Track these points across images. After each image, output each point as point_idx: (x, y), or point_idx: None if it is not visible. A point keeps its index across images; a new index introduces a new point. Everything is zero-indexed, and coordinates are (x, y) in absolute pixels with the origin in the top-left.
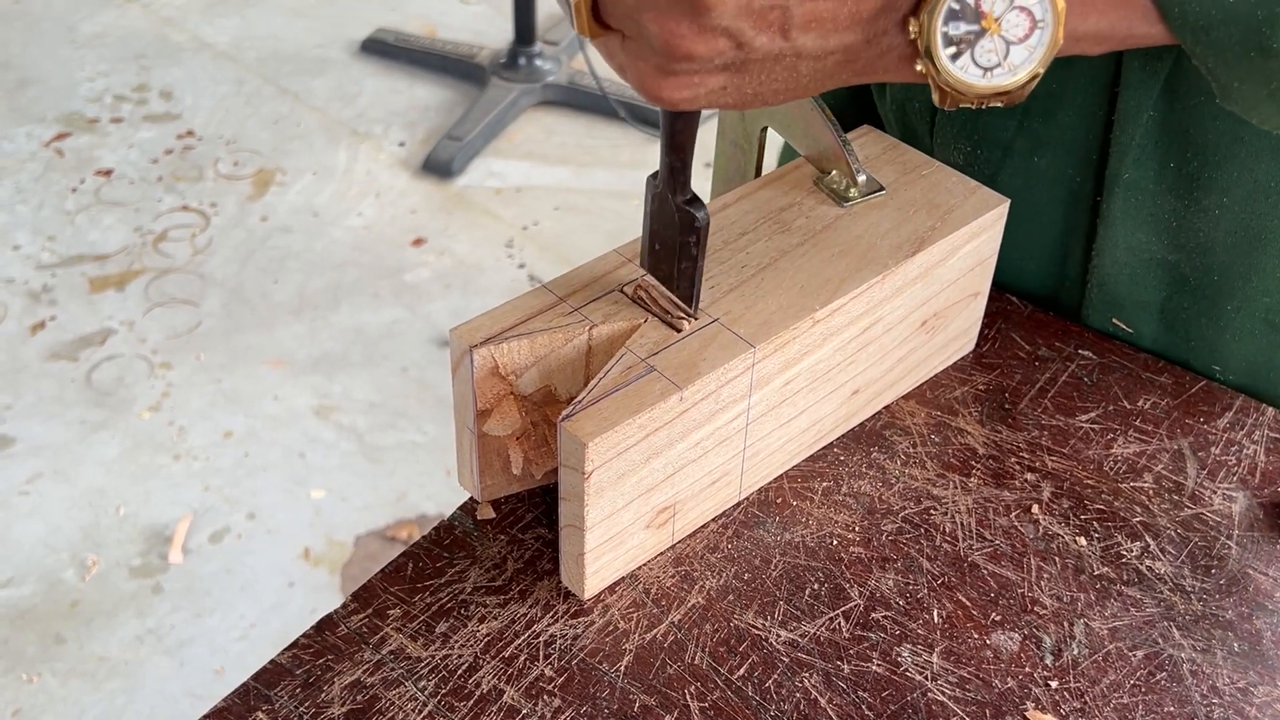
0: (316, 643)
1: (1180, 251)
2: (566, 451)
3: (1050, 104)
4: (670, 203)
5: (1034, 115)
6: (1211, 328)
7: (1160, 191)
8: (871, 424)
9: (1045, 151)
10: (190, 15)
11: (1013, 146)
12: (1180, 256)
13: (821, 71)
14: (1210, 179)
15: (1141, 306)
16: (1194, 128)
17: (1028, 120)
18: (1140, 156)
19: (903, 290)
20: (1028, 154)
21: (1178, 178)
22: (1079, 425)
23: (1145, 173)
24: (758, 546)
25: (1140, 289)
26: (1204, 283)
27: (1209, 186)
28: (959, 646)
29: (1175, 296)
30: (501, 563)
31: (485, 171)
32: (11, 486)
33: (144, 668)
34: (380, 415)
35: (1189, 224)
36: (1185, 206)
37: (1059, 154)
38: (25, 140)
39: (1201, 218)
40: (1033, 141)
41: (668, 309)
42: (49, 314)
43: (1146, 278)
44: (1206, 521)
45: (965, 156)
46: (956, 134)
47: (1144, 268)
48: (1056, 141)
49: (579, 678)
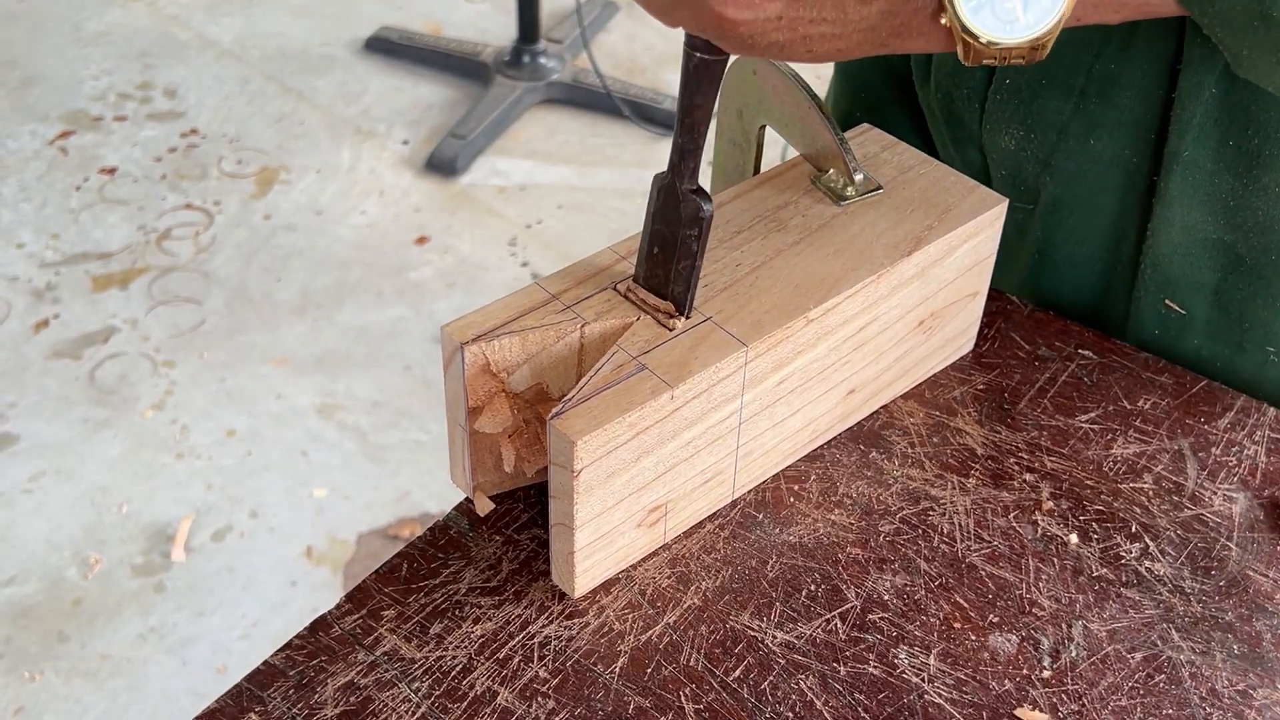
0: (310, 643)
1: (1237, 231)
2: (556, 449)
3: (1107, 85)
4: (677, 191)
5: (1090, 97)
6: (1267, 309)
7: (1219, 170)
8: (869, 424)
9: (1101, 133)
10: (195, 13)
11: (1068, 129)
12: (1237, 236)
13: (866, 21)
14: (1271, 157)
15: (1195, 288)
16: (1255, 105)
17: (1084, 102)
18: (1200, 134)
19: (899, 290)
20: (1083, 136)
21: (1237, 156)
22: (1078, 425)
23: (1204, 151)
24: (754, 547)
25: (1195, 269)
26: (1260, 263)
27: (1269, 165)
28: (956, 648)
29: (1230, 277)
30: (496, 563)
31: (489, 170)
32: (14, 484)
33: (146, 666)
34: (383, 414)
35: (1247, 203)
36: (1244, 185)
37: (1116, 135)
38: (29, 138)
39: (1260, 196)
40: (1089, 123)
41: (660, 307)
42: (52, 312)
43: (1201, 258)
44: (1206, 523)
45: (1018, 141)
46: (1009, 118)
47: (1199, 247)
48: (1114, 123)
49: (573, 679)
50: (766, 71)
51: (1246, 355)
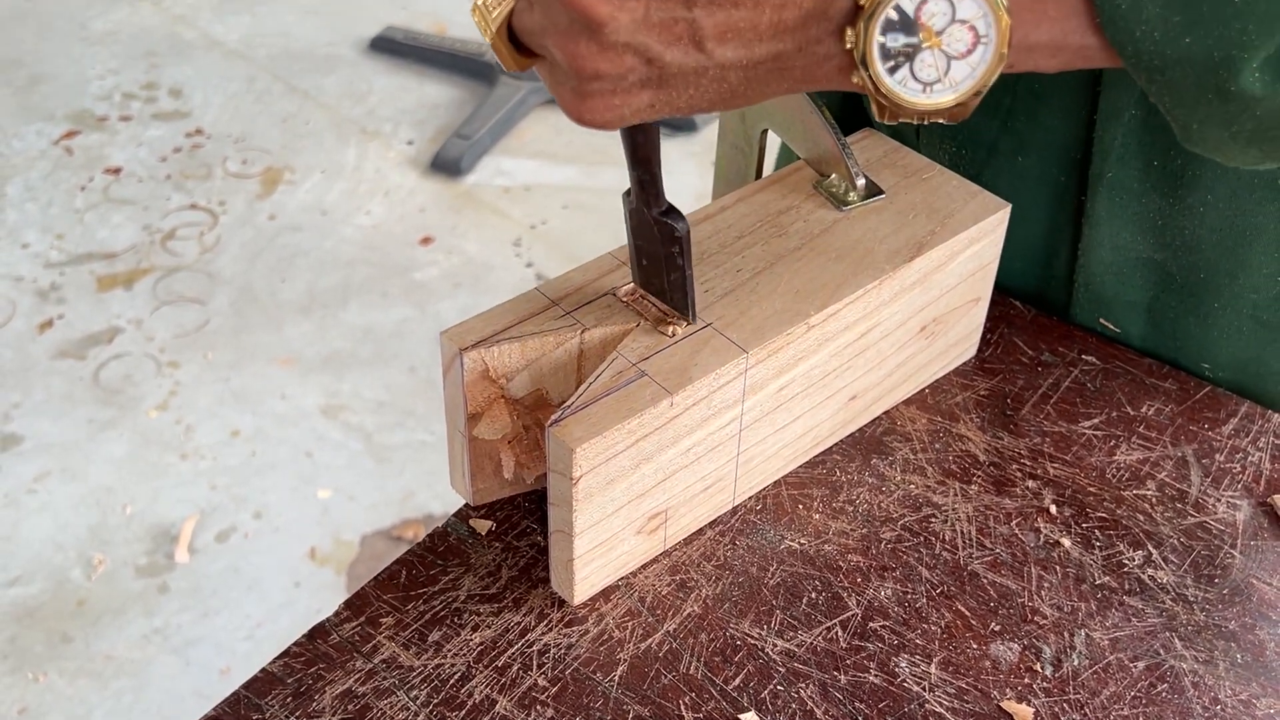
0: (308, 651)
1: (1166, 250)
2: (555, 457)
3: (1033, 104)
4: (647, 216)
5: (1018, 115)
6: (1199, 326)
7: (1144, 190)
8: (871, 430)
9: (1030, 152)
10: (201, 13)
11: (997, 147)
12: (1166, 255)
13: (755, 79)
14: (1194, 176)
15: (1128, 306)
16: None
17: (1012, 121)
18: (1123, 155)
19: (901, 295)
20: (1012, 154)
21: (1161, 176)
22: (1081, 432)
23: (1129, 172)
24: (754, 554)
25: (1127, 288)
26: (1190, 281)
27: (1193, 184)
28: (957, 657)
29: (1162, 295)
30: (495, 570)
31: (494, 170)
32: (19, 485)
33: (150, 667)
34: (388, 414)
35: (1174, 222)
36: (1170, 205)
37: (1043, 154)
38: (35, 138)
39: (1186, 215)
40: (1017, 142)
41: (661, 314)
42: (57, 312)
43: (1132, 277)
44: (1210, 530)
45: (950, 157)
46: (942, 135)
47: (1130, 267)
48: (1041, 142)
49: (572, 687)
50: None
51: (1182, 371)
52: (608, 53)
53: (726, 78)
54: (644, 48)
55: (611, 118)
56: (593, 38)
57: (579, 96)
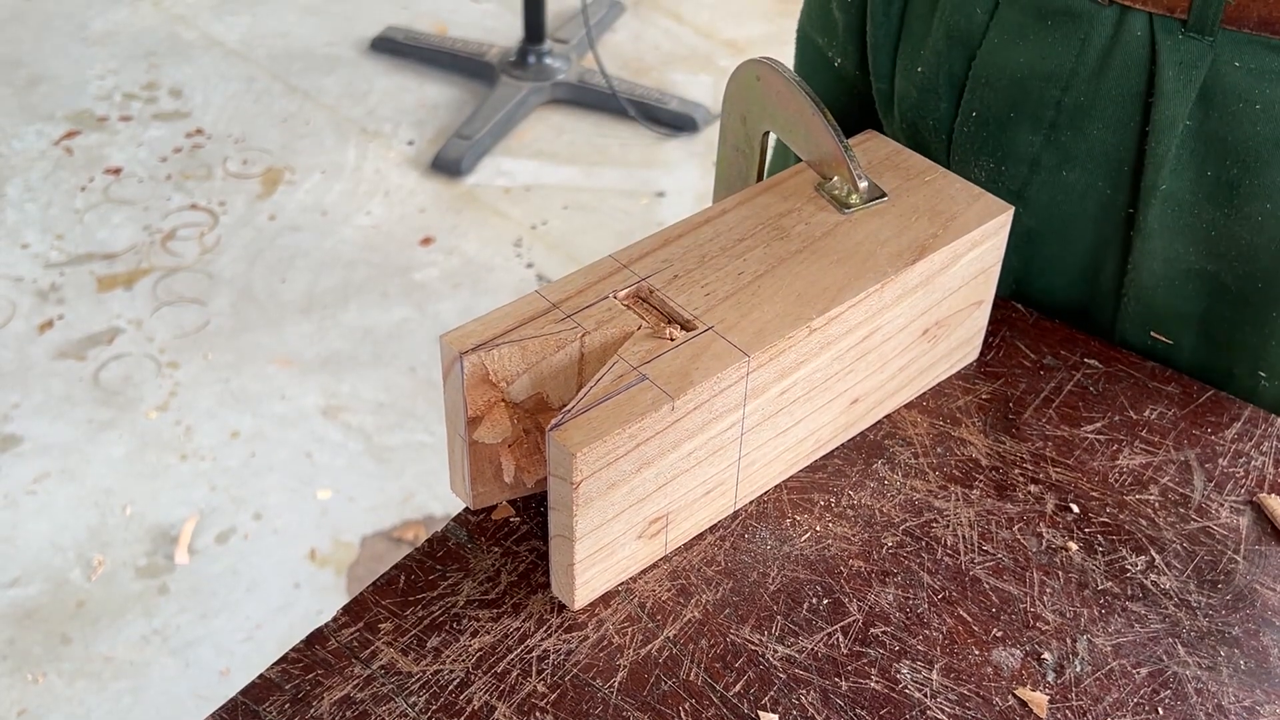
0: (306, 657)
1: (1220, 261)
2: (555, 461)
3: (1078, 117)
4: None
5: (1061, 129)
6: (1256, 335)
7: (1198, 201)
8: (872, 434)
9: (1074, 166)
10: (201, 13)
11: (1040, 161)
12: (1220, 266)
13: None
14: (1252, 186)
15: (1180, 318)
16: (1232, 135)
17: (1055, 134)
18: (1177, 167)
19: (903, 298)
20: (1055, 168)
21: (1216, 186)
22: (1084, 436)
23: (1182, 183)
24: (755, 559)
25: (1179, 300)
26: (1246, 290)
27: (1251, 194)
28: (959, 663)
29: (1216, 306)
30: (495, 575)
31: (494, 170)
32: (18, 485)
33: (150, 668)
34: (388, 415)
35: (1230, 232)
36: (1225, 215)
37: (1089, 167)
38: (35, 138)
39: (1243, 225)
40: (1061, 156)
41: (663, 317)
42: (57, 313)
43: (1185, 288)
44: (1213, 535)
45: (988, 173)
46: (978, 150)
47: (1182, 279)
48: (1086, 155)
49: (572, 694)
50: (770, 77)
51: (1237, 381)
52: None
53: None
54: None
55: None
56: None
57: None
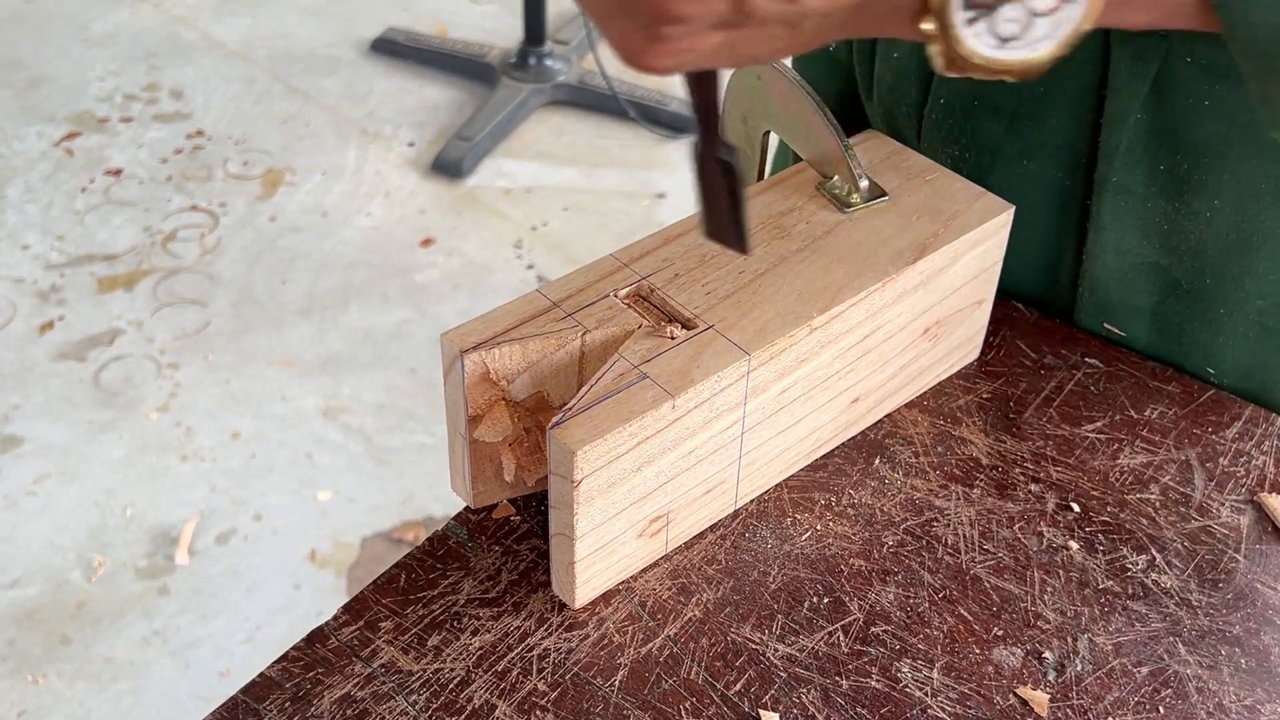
0: (307, 655)
1: (1172, 255)
2: (556, 459)
3: (1038, 108)
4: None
5: (1022, 119)
6: (1205, 331)
7: (1150, 195)
8: (873, 433)
9: (1035, 155)
10: (201, 14)
11: (1001, 150)
12: (1172, 260)
13: (825, 27)
14: (1201, 181)
15: (1134, 311)
16: (1183, 130)
17: (1016, 124)
18: (1129, 160)
19: (904, 297)
20: (1017, 158)
21: (1168, 180)
22: (1085, 435)
23: (1134, 176)
24: (756, 558)
25: (1132, 293)
26: (1196, 286)
27: (1199, 189)
28: (960, 662)
29: (1168, 300)
30: (495, 574)
31: (495, 172)
32: (19, 486)
33: (150, 669)
34: (388, 416)
35: (1180, 227)
36: (1176, 210)
37: (1048, 157)
38: (35, 139)
39: (1192, 221)
40: (1022, 145)
41: (663, 315)
42: (57, 314)
43: (1138, 281)
44: (1214, 534)
45: (953, 160)
46: (944, 137)
47: (1135, 272)
48: (1046, 145)
49: (572, 692)
50: (771, 77)
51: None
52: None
53: (802, 25)
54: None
55: (673, 64)
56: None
57: (650, 39)
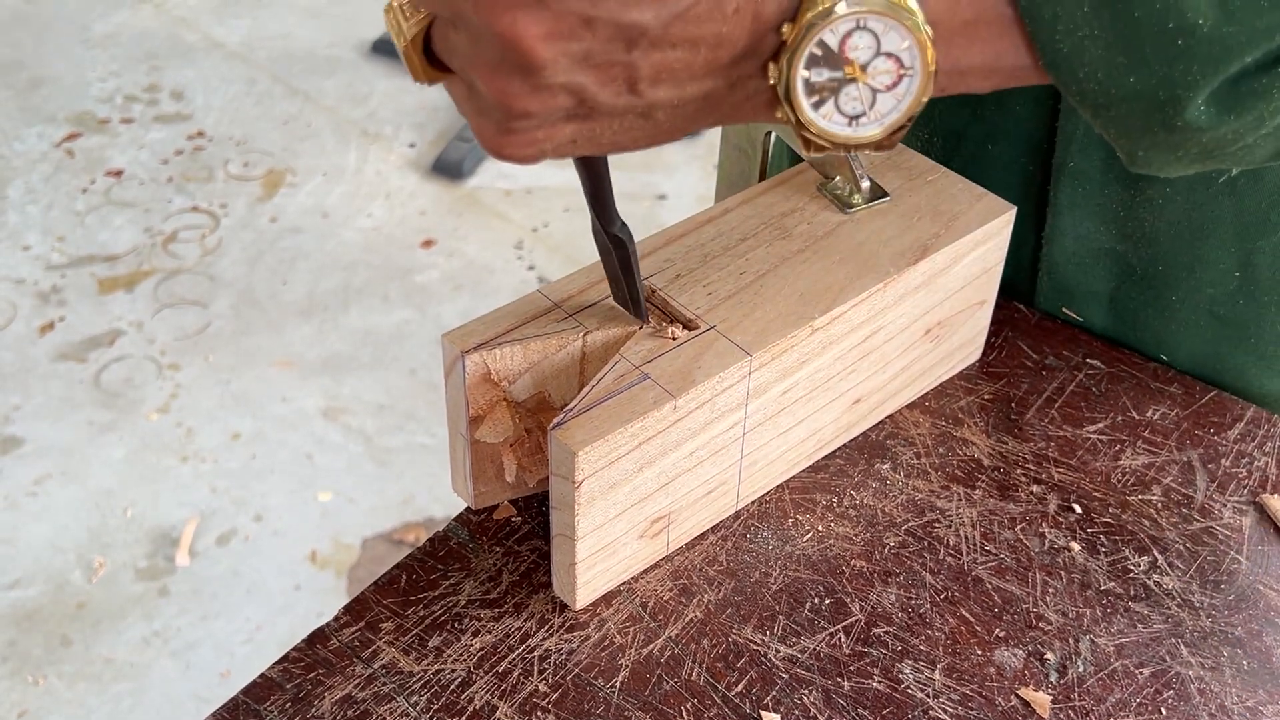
0: (307, 656)
1: (1127, 241)
2: (557, 460)
3: (1003, 93)
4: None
5: (988, 104)
6: (1158, 318)
7: (1106, 181)
8: (874, 434)
9: (998, 140)
10: (202, 15)
11: (966, 134)
12: (1127, 246)
13: (681, 117)
14: None
15: (1091, 296)
16: None
17: (982, 109)
18: (1085, 145)
19: (905, 298)
20: (981, 142)
21: (1122, 167)
22: (1086, 436)
23: (1091, 161)
24: (757, 559)
25: (1089, 278)
26: (1150, 273)
27: (1152, 177)
28: (962, 663)
29: (1123, 286)
30: (496, 575)
31: (495, 173)
32: (19, 487)
33: (150, 670)
34: (389, 417)
35: (1135, 214)
36: (1131, 196)
37: (1011, 143)
38: (36, 140)
39: (1146, 208)
40: (986, 130)
41: (665, 315)
42: (58, 314)
43: (1095, 267)
44: (1216, 535)
45: (922, 144)
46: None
47: (1092, 257)
48: (1009, 130)
49: (574, 694)
50: None
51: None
52: (541, 93)
53: (654, 115)
54: (579, 88)
55: (532, 153)
56: (527, 78)
57: (502, 132)
